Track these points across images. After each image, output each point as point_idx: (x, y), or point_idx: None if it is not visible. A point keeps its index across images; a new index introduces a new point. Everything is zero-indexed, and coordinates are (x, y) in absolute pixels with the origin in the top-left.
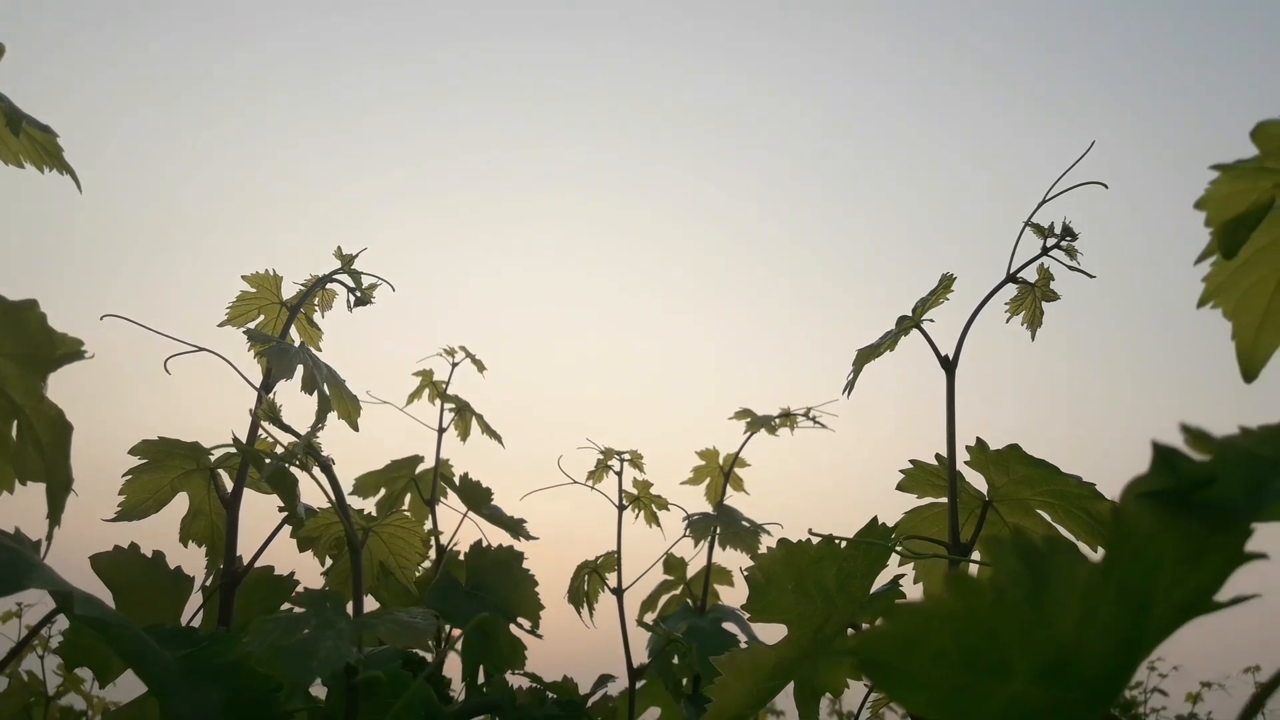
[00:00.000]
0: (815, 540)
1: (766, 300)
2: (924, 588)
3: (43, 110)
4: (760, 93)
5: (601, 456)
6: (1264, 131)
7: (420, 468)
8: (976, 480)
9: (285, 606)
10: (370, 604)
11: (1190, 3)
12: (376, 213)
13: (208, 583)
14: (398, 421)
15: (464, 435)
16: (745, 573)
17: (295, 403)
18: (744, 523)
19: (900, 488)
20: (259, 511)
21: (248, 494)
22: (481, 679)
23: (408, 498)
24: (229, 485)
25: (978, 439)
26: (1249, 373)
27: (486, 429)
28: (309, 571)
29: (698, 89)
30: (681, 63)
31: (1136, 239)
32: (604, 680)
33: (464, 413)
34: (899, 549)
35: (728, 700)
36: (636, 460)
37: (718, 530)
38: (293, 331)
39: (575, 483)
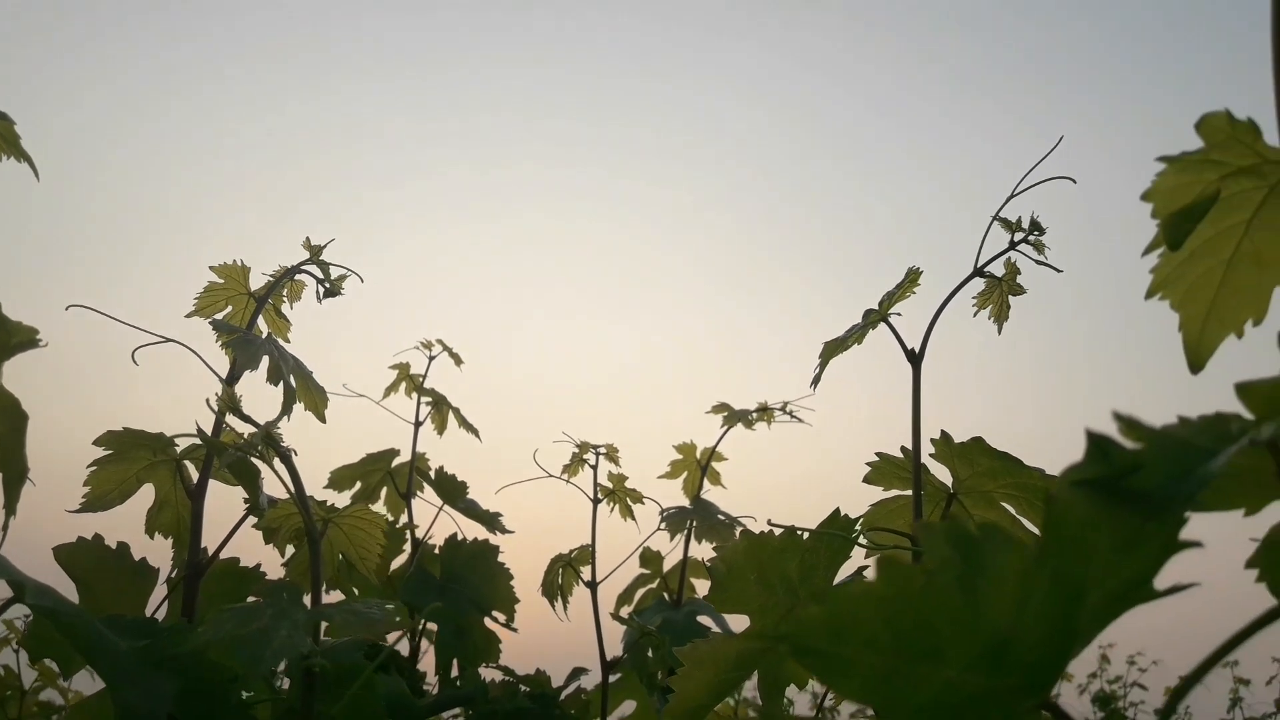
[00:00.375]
0: (777, 532)
1: (743, 296)
2: None
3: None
4: (730, 94)
5: (577, 450)
6: (1208, 124)
7: (396, 461)
8: (941, 473)
9: (251, 598)
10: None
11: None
12: (356, 206)
13: (174, 574)
14: (376, 415)
15: (441, 429)
16: (708, 564)
17: (268, 395)
18: (720, 516)
19: (867, 480)
20: (227, 503)
21: (215, 486)
22: (456, 672)
23: (384, 491)
24: (195, 477)
25: (942, 432)
26: (1196, 363)
27: (463, 423)
28: (278, 563)
29: (670, 93)
30: (650, 68)
31: (1105, 232)
32: (577, 673)
33: (441, 406)
34: (862, 541)
35: (690, 691)
36: (612, 454)
37: (694, 524)
38: (261, 323)
39: (550, 476)
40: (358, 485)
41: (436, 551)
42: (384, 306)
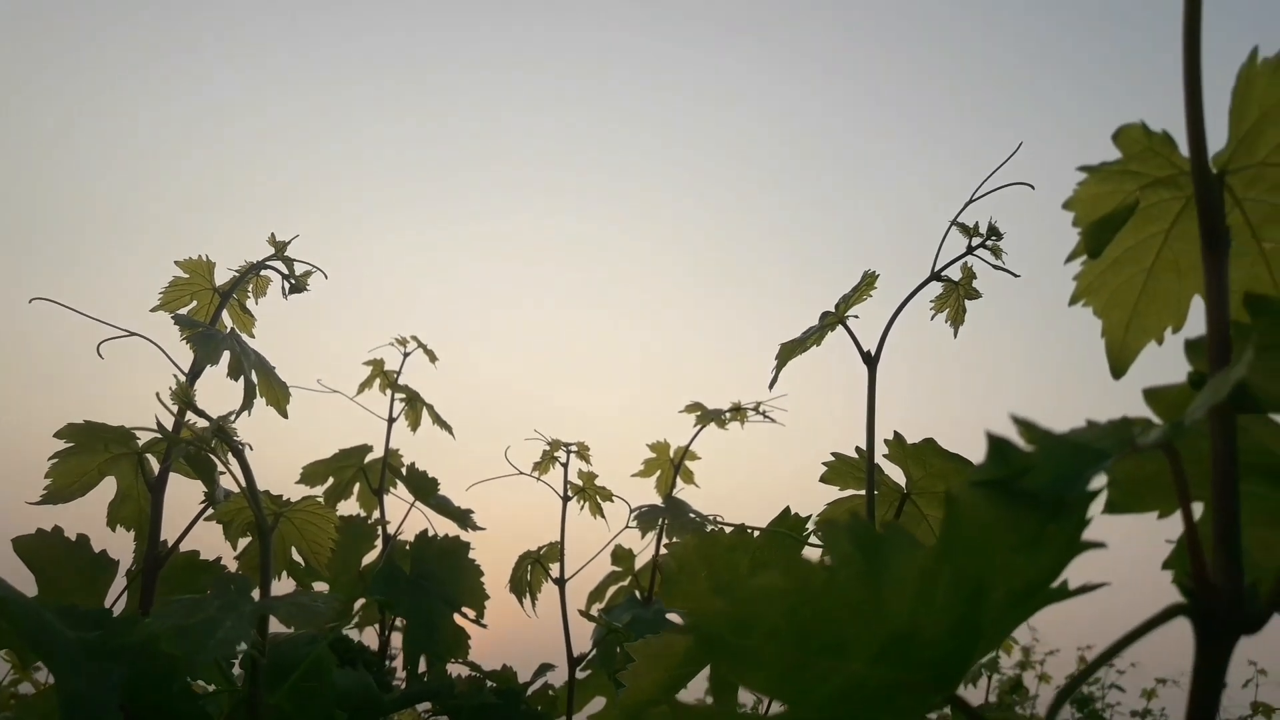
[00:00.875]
0: (728, 530)
1: (719, 296)
2: None
3: None
4: (703, 98)
5: (548, 448)
6: (1125, 135)
7: (369, 457)
8: (896, 474)
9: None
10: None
11: (1115, 8)
12: (333, 205)
13: (134, 567)
14: (351, 411)
15: (414, 425)
16: (658, 562)
17: (237, 390)
18: (691, 515)
19: (823, 480)
20: (194, 497)
21: (181, 480)
22: (425, 668)
23: (356, 487)
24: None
25: (895, 433)
26: (1118, 369)
27: (437, 419)
28: None
29: (645, 95)
30: (627, 73)
31: (1062, 238)
32: (544, 669)
33: (415, 403)
34: (813, 540)
35: (640, 686)
36: (583, 452)
37: (666, 522)
38: (225, 318)
39: (521, 474)
40: (330, 480)
41: (408, 548)
42: (362, 304)
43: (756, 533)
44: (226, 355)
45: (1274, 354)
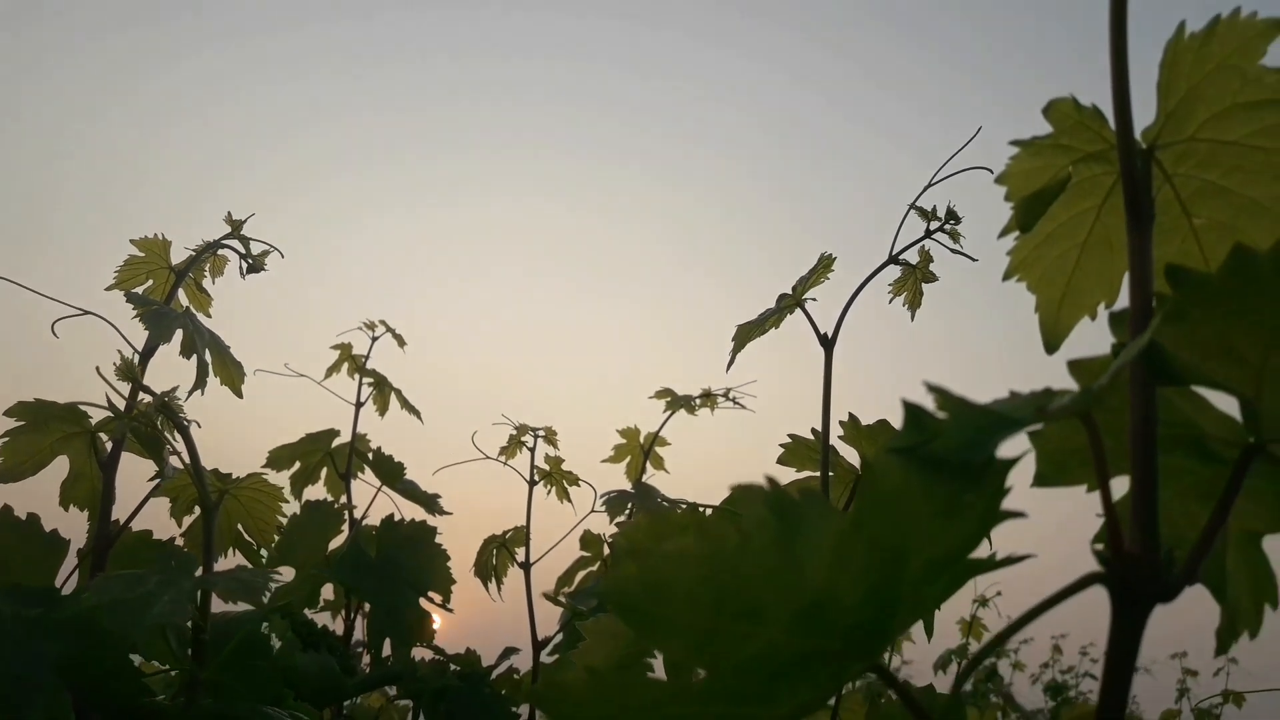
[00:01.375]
0: (680, 509)
1: (691, 283)
2: None
3: None
4: (682, 85)
5: (515, 432)
6: (1056, 109)
7: (337, 441)
8: (850, 455)
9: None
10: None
11: None
12: (306, 189)
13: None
14: (320, 395)
15: (382, 410)
16: (608, 541)
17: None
18: (660, 500)
19: (780, 462)
20: (147, 475)
21: (137, 460)
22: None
23: (324, 471)
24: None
25: (850, 414)
26: (1051, 345)
27: (405, 404)
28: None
29: (616, 83)
30: (597, 63)
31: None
32: (508, 653)
33: (383, 387)
34: None
35: (590, 664)
36: (550, 437)
37: (634, 507)
38: (182, 297)
39: (487, 458)
40: (297, 465)
41: (374, 533)
42: (333, 288)
43: (709, 511)
44: (179, 334)
45: (1188, 322)
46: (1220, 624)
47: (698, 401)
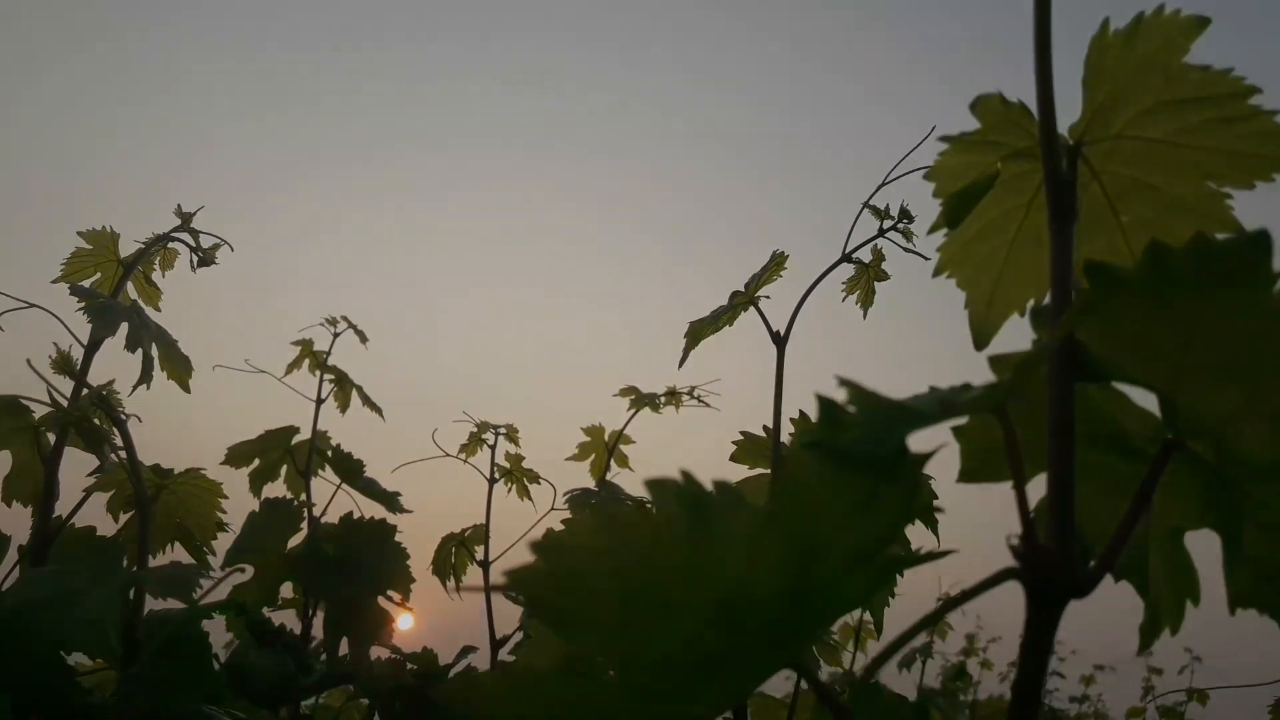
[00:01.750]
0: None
1: (658, 280)
2: None
3: None
4: (639, 82)
5: (475, 429)
6: (983, 105)
7: (297, 439)
8: None
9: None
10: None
11: None
12: (268, 186)
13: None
14: (282, 392)
15: (343, 407)
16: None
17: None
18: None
19: (732, 459)
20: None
21: (83, 455)
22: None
23: (284, 469)
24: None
25: (800, 411)
26: (981, 341)
27: (367, 401)
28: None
29: (583, 75)
30: (561, 54)
31: None
32: (466, 651)
33: (344, 384)
34: None
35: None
36: (512, 434)
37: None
38: (131, 291)
39: (447, 455)
40: (257, 462)
41: (333, 531)
42: (297, 285)
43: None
44: (124, 327)
45: (1106, 319)
46: (1143, 620)
47: (662, 399)
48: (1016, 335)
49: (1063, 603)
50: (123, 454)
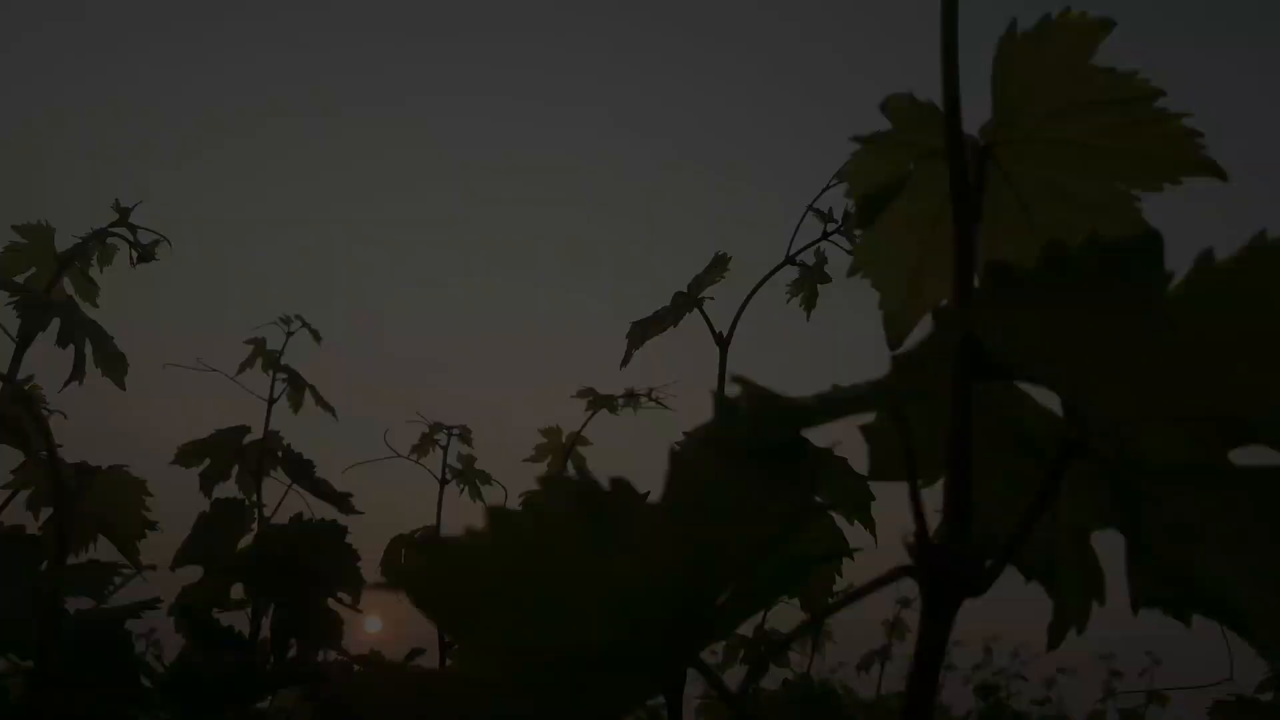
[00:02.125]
0: None
1: (616, 283)
2: None
3: None
4: (597, 79)
5: (428, 430)
6: (892, 105)
7: (249, 438)
8: None
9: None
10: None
11: None
12: (217, 182)
13: None
14: (238, 393)
15: (296, 407)
16: None
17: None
18: None
19: None
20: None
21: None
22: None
23: (235, 469)
24: None
25: None
26: (895, 340)
27: (320, 401)
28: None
29: (559, 72)
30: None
31: None
32: (414, 654)
33: (297, 384)
34: None
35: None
36: (465, 435)
37: None
38: (68, 286)
39: (399, 456)
40: (208, 461)
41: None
42: (253, 283)
43: None
44: (56, 322)
45: (1006, 319)
46: (1051, 619)
47: (620, 401)
48: None
49: (957, 600)
50: (41, 451)
